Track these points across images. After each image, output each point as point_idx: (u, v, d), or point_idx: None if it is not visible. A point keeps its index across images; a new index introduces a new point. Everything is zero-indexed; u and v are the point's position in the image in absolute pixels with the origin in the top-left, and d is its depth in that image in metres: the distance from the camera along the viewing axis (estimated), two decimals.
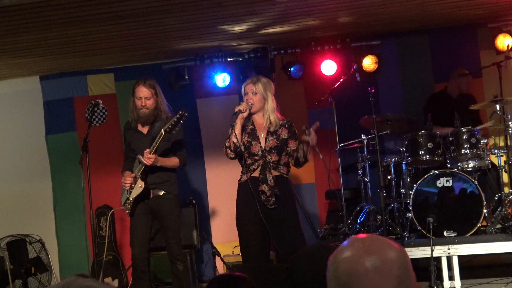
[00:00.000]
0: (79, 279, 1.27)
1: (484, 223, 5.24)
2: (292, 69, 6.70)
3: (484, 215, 5.12)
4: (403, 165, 5.67)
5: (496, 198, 5.39)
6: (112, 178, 6.53)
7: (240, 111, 4.53)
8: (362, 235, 1.49)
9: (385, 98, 6.70)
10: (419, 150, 5.46)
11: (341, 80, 5.95)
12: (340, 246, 1.45)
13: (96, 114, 6.90)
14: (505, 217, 5.19)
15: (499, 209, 5.26)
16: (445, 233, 5.10)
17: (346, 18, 6.02)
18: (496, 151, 5.45)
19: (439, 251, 4.97)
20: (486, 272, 5.47)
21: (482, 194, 5.14)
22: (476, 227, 5.11)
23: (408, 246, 5.02)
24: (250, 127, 4.64)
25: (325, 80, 6.52)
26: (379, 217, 5.59)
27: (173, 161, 4.93)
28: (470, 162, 5.35)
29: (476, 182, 5.18)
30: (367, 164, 5.88)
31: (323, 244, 4.96)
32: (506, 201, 5.24)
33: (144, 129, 5.01)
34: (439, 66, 6.67)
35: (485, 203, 5.14)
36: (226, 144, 4.58)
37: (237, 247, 5.32)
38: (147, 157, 4.71)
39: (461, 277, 4.96)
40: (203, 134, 7.03)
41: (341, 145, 5.97)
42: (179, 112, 4.62)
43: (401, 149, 5.68)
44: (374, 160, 5.78)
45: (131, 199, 4.87)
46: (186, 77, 6.83)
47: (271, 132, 4.60)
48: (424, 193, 5.26)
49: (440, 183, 5.24)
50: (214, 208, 6.99)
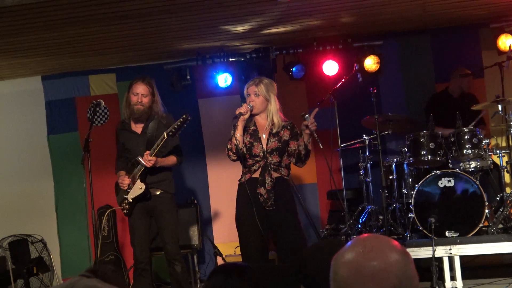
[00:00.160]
0: (83, 279, 1.28)
1: (486, 224, 5.23)
2: (293, 69, 6.70)
3: (486, 215, 5.11)
4: (405, 165, 5.67)
5: (498, 198, 5.38)
6: (114, 178, 6.47)
7: (241, 114, 4.49)
8: (365, 235, 1.50)
9: (387, 98, 6.70)
10: (421, 150, 5.46)
11: (343, 80, 5.94)
12: (343, 248, 1.45)
13: (98, 114, 6.91)
14: (507, 218, 5.18)
15: (501, 210, 5.25)
16: (447, 234, 5.09)
17: (348, 18, 6.02)
18: (498, 151, 5.44)
19: (441, 251, 4.96)
20: (488, 272, 5.45)
21: (484, 194, 5.13)
22: (478, 228, 5.10)
23: (410, 246, 5.00)
24: (252, 128, 4.62)
25: (327, 80, 6.53)
26: (381, 217, 5.59)
27: (172, 160, 4.90)
28: (472, 162, 5.35)
29: (478, 183, 5.17)
30: (369, 164, 5.87)
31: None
32: (508, 202, 5.23)
33: (137, 128, 4.96)
34: (441, 66, 6.68)
35: (487, 203, 5.13)
36: (228, 147, 4.55)
37: (239, 247, 5.32)
38: (148, 160, 4.68)
39: (463, 278, 4.94)
40: (205, 134, 7.04)
41: (343, 145, 5.96)
42: (183, 116, 4.56)
43: (403, 149, 5.68)
44: (376, 160, 5.78)
45: (130, 199, 4.86)
46: (188, 77, 6.84)
47: (273, 133, 4.58)
48: (426, 193, 5.25)
49: (442, 183, 5.23)
50: (216, 208, 6.99)
